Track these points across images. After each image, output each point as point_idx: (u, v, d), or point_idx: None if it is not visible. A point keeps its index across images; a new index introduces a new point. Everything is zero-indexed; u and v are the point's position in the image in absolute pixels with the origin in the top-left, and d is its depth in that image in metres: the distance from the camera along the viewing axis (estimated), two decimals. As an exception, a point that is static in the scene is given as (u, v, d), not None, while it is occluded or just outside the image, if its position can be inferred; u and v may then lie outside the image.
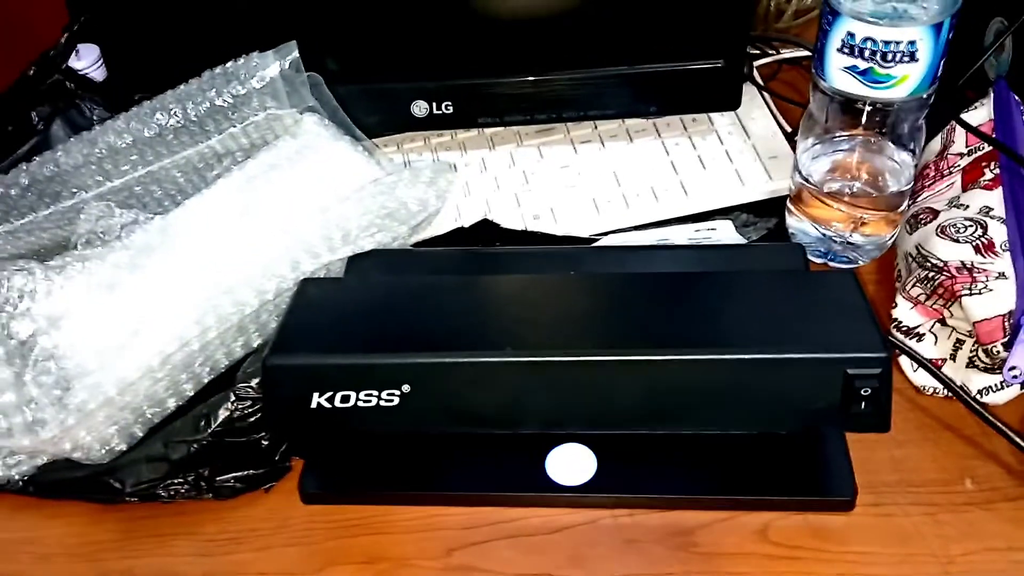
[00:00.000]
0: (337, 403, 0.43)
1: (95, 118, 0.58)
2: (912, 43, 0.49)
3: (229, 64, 0.53)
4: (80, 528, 0.49)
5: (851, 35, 0.50)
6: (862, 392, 0.41)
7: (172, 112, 0.52)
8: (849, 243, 0.59)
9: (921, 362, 0.51)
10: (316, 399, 0.43)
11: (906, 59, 0.50)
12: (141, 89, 0.57)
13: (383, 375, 0.42)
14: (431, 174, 0.51)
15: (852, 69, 0.51)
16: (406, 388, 0.42)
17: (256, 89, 0.52)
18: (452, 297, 0.47)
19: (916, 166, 0.58)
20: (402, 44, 0.57)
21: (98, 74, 0.63)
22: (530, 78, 0.59)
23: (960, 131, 0.60)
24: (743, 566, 0.46)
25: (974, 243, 0.52)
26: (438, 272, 0.51)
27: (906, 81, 0.51)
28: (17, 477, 0.48)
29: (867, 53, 0.50)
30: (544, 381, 0.43)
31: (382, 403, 0.43)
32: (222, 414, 0.48)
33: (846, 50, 0.51)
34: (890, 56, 0.50)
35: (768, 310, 0.45)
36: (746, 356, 0.41)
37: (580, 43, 0.59)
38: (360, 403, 0.43)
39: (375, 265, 0.50)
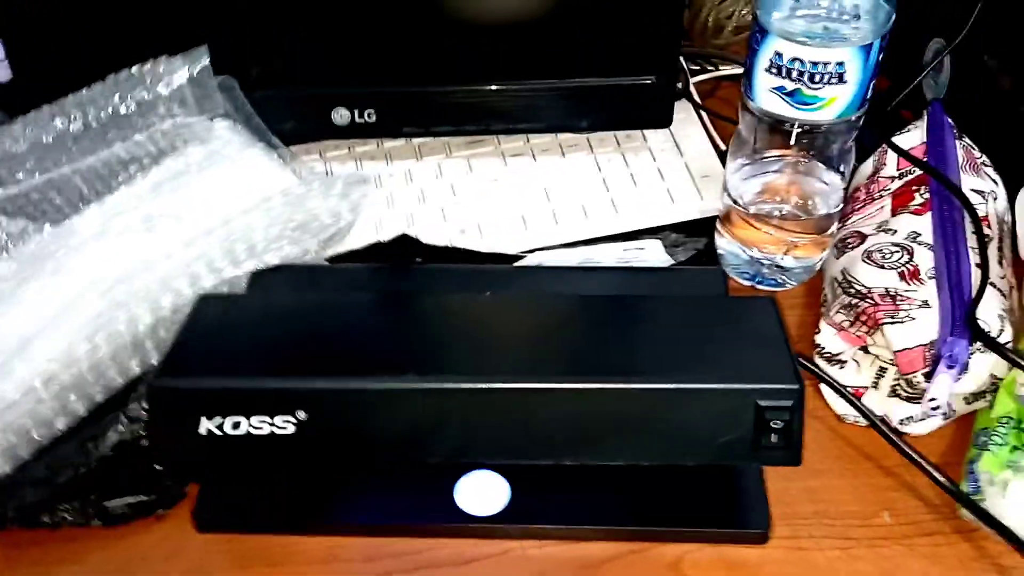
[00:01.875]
0: (227, 429, 0.40)
1: (-5, 121, 0.55)
2: (840, 64, 0.48)
3: (135, 68, 0.50)
4: (-43, 556, 0.46)
5: (779, 55, 0.49)
6: (772, 424, 0.40)
7: (73, 117, 0.50)
8: (778, 266, 0.58)
9: (842, 392, 0.50)
10: (205, 424, 0.40)
11: (834, 80, 0.49)
12: (48, 91, 0.54)
13: (276, 400, 0.40)
14: (344, 186, 0.49)
15: (780, 90, 0.50)
16: (302, 415, 0.40)
17: (163, 95, 0.50)
18: (357, 317, 0.45)
19: (846, 189, 0.57)
20: (322, 48, 0.55)
21: (3, 74, 0.60)
22: (458, 88, 0.57)
23: (892, 154, 0.60)
24: (652, 602, 0.44)
25: (899, 269, 0.51)
26: (348, 289, 0.49)
27: (834, 103, 0.50)
28: None
29: (795, 74, 0.49)
30: (449, 410, 0.41)
31: (276, 431, 0.40)
32: (112, 436, 0.45)
33: (774, 70, 0.50)
34: (818, 77, 0.49)
35: (683, 337, 0.43)
36: (657, 386, 0.40)
37: (511, 54, 0.57)
38: (252, 430, 0.40)
39: (281, 281, 0.48)
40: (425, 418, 0.41)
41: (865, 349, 0.51)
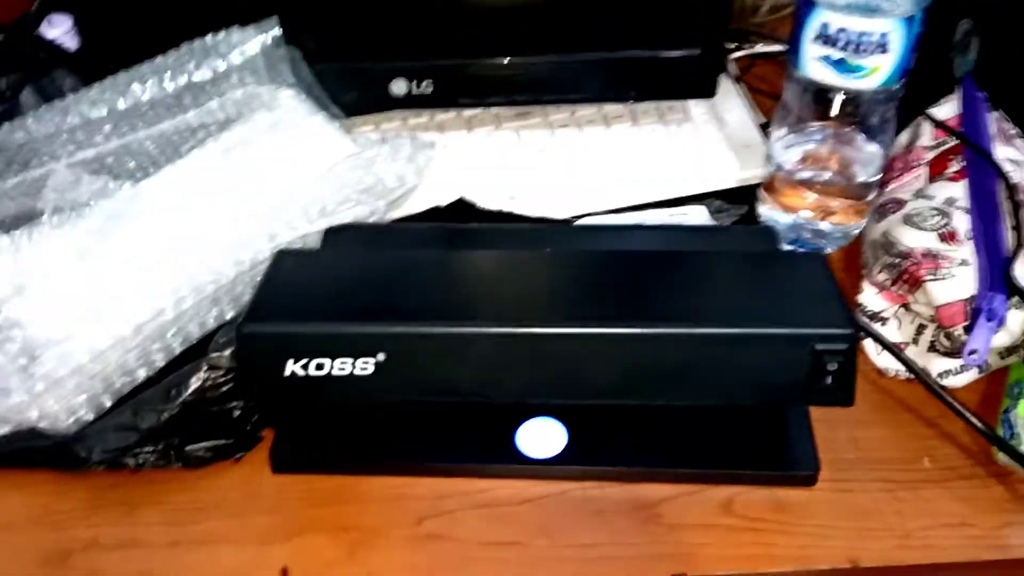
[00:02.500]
0: (311, 371, 0.43)
1: (66, 87, 0.58)
2: (884, 35, 0.51)
3: (208, 38, 0.53)
4: (45, 497, 0.48)
5: (826, 25, 0.51)
6: (828, 367, 0.42)
7: (148, 84, 0.52)
8: (817, 231, 0.60)
9: (885, 344, 0.52)
10: (290, 367, 0.43)
11: (878, 50, 0.51)
12: (114, 59, 0.57)
13: (358, 344, 0.43)
14: (410, 150, 0.52)
15: (826, 59, 0.53)
16: (381, 357, 0.43)
17: (236, 65, 0.52)
18: (427, 270, 0.47)
19: (885, 157, 0.59)
20: (383, 22, 0.58)
21: (71, 43, 0.62)
22: (511, 60, 0.59)
23: (927, 125, 0.62)
24: (705, 537, 0.46)
25: (938, 231, 0.54)
26: (414, 246, 0.51)
27: (877, 72, 0.52)
28: (-20, 446, 0.48)
29: (841, 43, 0.51)
30: (516, 353, 0.43)
31: (356, 372, 0.43)
32: (193, 383, 0.48)
33: (820, 40, 0.52)
34: (863, 47, 0.51)
35: (739, 288, 0.46)
36: (717, 331, 0.42)
37: (562, 27, 0.59)
38: (334, 372, 0.43)
39: (351, 238, 0.51)
40: (492, 361, 0.43)
41: (906, 307, 0.54)
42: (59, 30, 0.62)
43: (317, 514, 0.48)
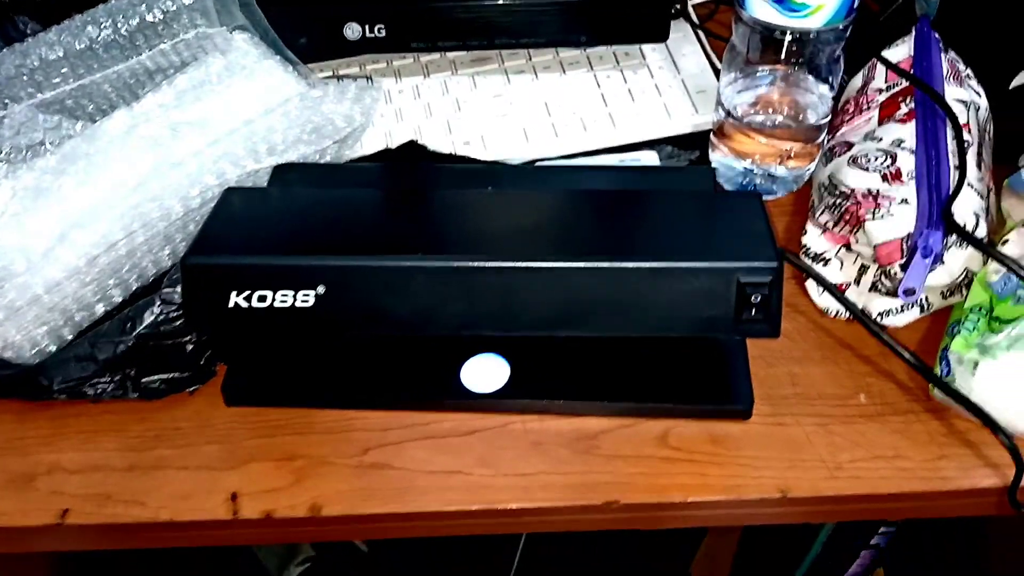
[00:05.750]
0: (254, 303, 0.44)
1: (28, 32, 0.59)
2: (825, -28, 0.51)
3: (160, -22, 0.54)
4: (10, 425, 0.50)
5: (767, -36, 0.52)
6: (753, 299, 0.43)
7: (103, 25, 0.53)
8: (769, 175, 0.61)
9: (824, 283, 0.53)
10: (233, 298, 0.44)
11: (820, -12, 0.52)
12: (75, 7, 0.57)
13: (298, 276, 0.44)
14: (356, 91, 0.53)
15: (769, -1, 0.53)
16: (320, 289, 0.44)
17: (186, 5, 0.53)
18: (369, 207, 0.49)
19: (835, 99, 0.60)
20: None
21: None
22: (462, 3, 0.60)
23: (880, 68, 0.62)
24: (640, 467, 0.48)
25: (882, 172, 0.54)
26: (359, 185, 0.52)
27: (821, 10, 0.53)
28: (-54, 376, 0.50)
29: (782, -18, 0.52)
30: (451, 286, 0.44)
31: (297, 304, 0.44)
32: (147, 317, 0.49)
33: (763, -21, 0.52)
34: (804, -15, 0.52)
35: (672, 225, 0.47)
36: (646, 265, 0.44)
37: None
38: (276, 303, 0.44)
39: (298, 177, 0.52)
40: (429, 294, 0.45)
41: (847, 247, 0.55)
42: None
43: (266, 444, 0.49)
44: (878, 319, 0.54)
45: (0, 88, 0.54)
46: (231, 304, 0.45)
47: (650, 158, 0.62)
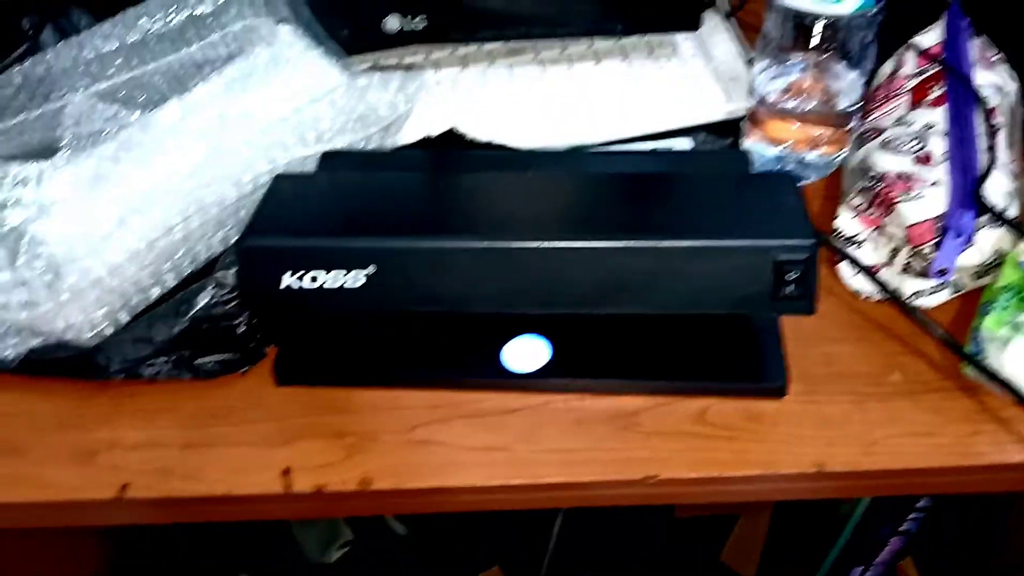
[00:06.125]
0: (306, 284, 0.46)
1: (82, 26, 0.61)
2: (857, -41, 0.52)
3: (209, -28, 0.56)
4: (71, 403, 0.52)
5: (800, -49, 0.53)
6: (788, 277, 0.44)
7: (155, 18, 0.55)
8: (801, 161, 0.62)
9: (857, 264, 0.54)
10: (287, 279, 0.46)
11: (852, -25, 0.53)
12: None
13: (349, 257, 0.46)
14: (400, 80, 0.54)
15: (801, -15, 0.54)
16: (371, 269, 0.46)
17: (235, -3, 0.55)
18: (413, 191, 0.50)
19: (866, 85, 0.61)
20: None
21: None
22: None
23: (911, 54, 0.63)
24: (679, 444, 0.49)
25: (914, 155, 0.55)
26: (403, 170, 0.54)
27: (852, -3, 0.54)
28: (12, 357, 0.52)
29: (814, -31, 0.53)
30: (494, 266, 0.46)
31: (347, 285, 0.46)
32: (201, 300, 0.51)
33: (795, -34, 0.54)
34: (836, -28, 0.53)
35: (708, 204, 0.48)
36: (684, 243, 0.45)
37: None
38: (327, 284, 0.46)
39: (345, 163, 0.54)
40: (473, 273, 0.47)
41: (880, 229, 0.56)
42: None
43: (317, 422, 0.51)
44: (910, 300, 0.55)
45: (58, 78, 0.56)
46: (283, 285, 0.46)
47: (684, 145, 0.63)
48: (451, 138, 0.59)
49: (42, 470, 0.49)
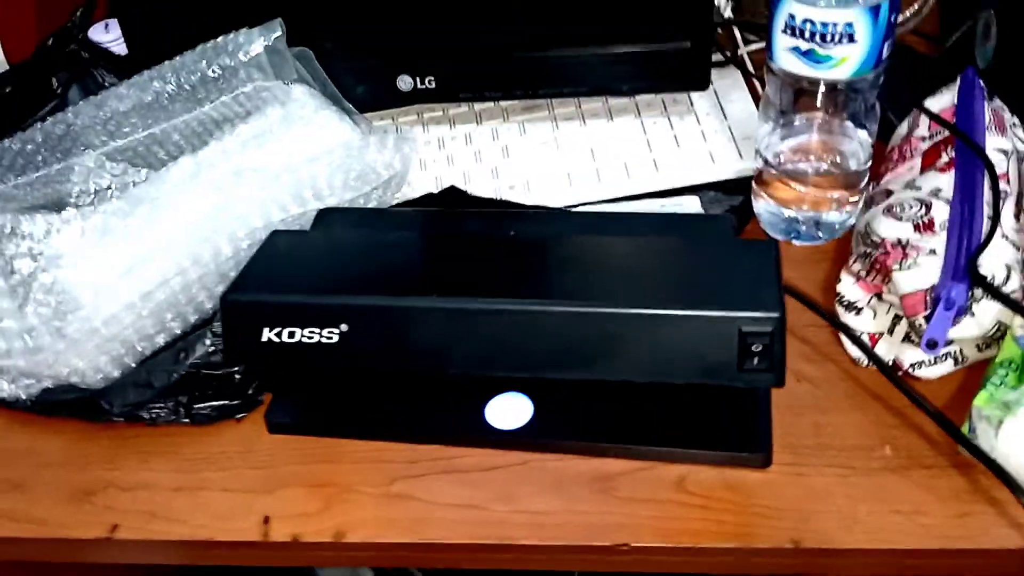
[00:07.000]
0: (284, 338, 0.48)
1: (107, 84, 0.65)
2: (849, 25, 0.52)
3: (220, 39, 0.59)
4: (75, 443, 0.55)
5: (792, 16, 0.53)
6: (754, 348, 0.44)
7: (168, 80, 0.59)
8: (814, 222, 0.61)
9: (848, 333, 0.53)
10: (266, 333, 0.48)
11: (845, 40, 0.52)
12: (154, 61, 0.63)
13: (322, 314, 0.47)
14: (395, 140, 0.56)
15: (795, 50, 0.54)
16: (344, 327, 0.47)
17: (243, 62, 0.58)
18: (399, 250, 0.52)
19: (875, 144, 0.60)
20: (386, 20, 0.63)
21: (120, 49, 0.70)
22: (506, 57, 0.63)
23: (925, 116, 0.61)
24: (655, 511, 0.49)
25: (915, 221, 0.54)
26: (394, 229, 0.56)
27: (846, 62, 0.53)
28: (24, 397, 0.55)
29: (807, 34, 0.53)
30: (460, 326, 0.47)
31: (323, 340, 0.48)
32: (199, 349, 0.54)
33: (788, 31, 0.53)
34: (829, 37, 0.52)
35: (680, 272, 0.48)
36: (647, 312, 0.45)
37: (555, 23, 0.63)
38: (304, 339, 0.48)
39: (341, 220, 0.56)
40: (439, 333, 0.48)
41: (880, 296, 0.54)
42: (113, 35, 0.70)
43: (302, 470, 0.53)
44: (911, 370, 0.53)
45: (78, 135, 0.60)
46: (264, 339, 0.48)
47: (691, 203, 0.63)
48: (452, 195, 0.60)
49: (40, 507, 0.52)
